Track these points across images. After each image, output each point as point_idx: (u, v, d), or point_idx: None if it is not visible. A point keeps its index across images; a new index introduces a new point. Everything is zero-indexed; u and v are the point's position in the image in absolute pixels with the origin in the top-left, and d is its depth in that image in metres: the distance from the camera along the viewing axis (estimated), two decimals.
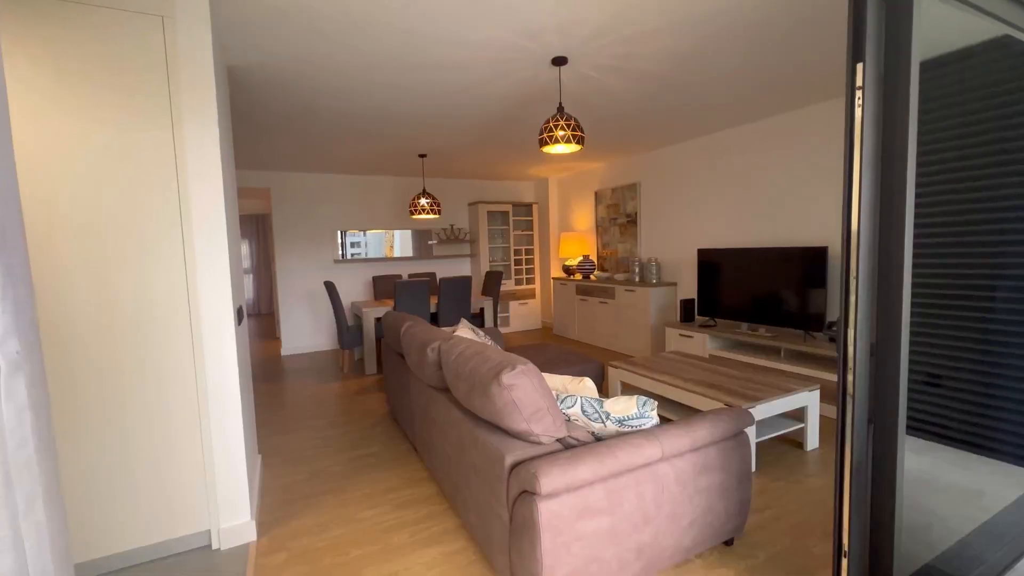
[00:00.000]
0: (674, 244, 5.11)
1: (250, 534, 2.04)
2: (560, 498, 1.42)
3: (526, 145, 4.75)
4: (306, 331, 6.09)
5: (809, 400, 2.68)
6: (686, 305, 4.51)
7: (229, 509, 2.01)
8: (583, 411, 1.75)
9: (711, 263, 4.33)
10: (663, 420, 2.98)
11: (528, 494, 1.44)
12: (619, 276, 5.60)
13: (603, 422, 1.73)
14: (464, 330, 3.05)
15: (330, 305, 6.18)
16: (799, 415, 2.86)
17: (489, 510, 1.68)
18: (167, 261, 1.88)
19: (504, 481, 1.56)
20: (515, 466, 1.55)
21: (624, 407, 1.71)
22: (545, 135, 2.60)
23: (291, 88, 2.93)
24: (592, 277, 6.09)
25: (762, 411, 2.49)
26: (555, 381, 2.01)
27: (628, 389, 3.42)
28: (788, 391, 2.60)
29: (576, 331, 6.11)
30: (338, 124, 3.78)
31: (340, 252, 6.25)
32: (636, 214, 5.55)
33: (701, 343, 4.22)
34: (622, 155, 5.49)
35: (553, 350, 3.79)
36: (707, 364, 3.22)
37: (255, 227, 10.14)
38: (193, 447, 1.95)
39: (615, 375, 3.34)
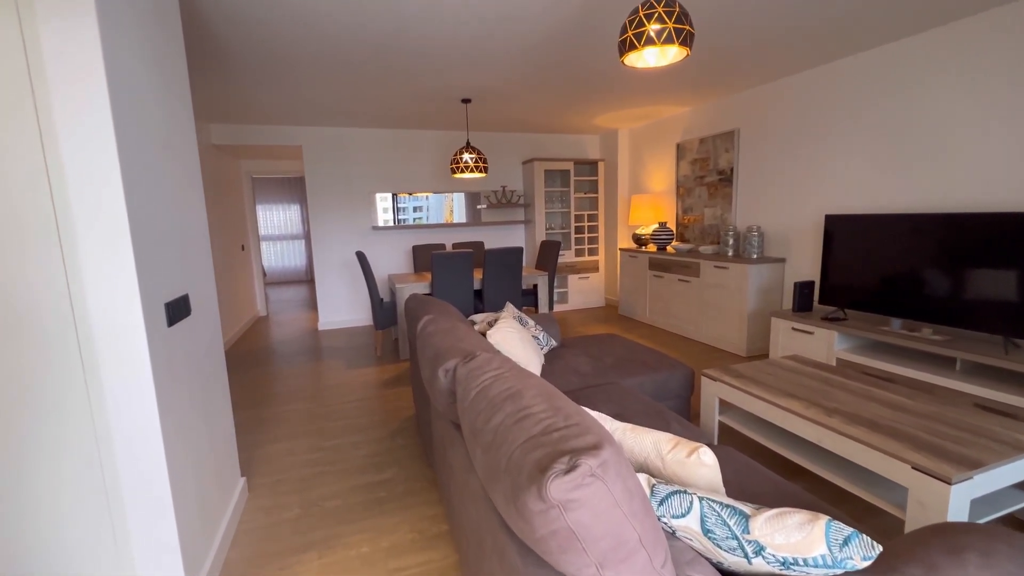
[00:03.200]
0: (785, 208, 3.95)
1: None
2: None
3: (595, 80, 3.74)
4: (343, 305, 5.59)
5: None
6: (803, 289, 3.43)
7: None
8: (705, 528, 0.92)
9: (843, 234, 3.19)
10: (770, 454, 2.05)
11: None
12: (705, 248, 4.53)
13: (746, 555, 0.89)
14: (506, 324, 2.26)
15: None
16: None
17: None
18: (26, 237, 1.21)
19: None
20: None
21: (797, 542, 0.84)
22: (630, 34, 1.65)
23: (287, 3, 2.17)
24: (669, 249, 5.05)
25: (983, 484, 1.52)
26: (643, 443, 1.18)
27: (727, 409, 2.50)
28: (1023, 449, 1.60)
29: (647, 313, 5.15)
30: (363, 52, 3.00)
31: (392, 216, 5.66)
32: (732, 170, 4.39)
33: (824, 342, 3.16)
34: (717, 94, 4.31)
35: (620, 346, 2.92)
36: (851, 382, 2.22)
37: (305, 190, 9.81)
38: (92, 501, 1.34)
39: (711, 390, 2.43)
